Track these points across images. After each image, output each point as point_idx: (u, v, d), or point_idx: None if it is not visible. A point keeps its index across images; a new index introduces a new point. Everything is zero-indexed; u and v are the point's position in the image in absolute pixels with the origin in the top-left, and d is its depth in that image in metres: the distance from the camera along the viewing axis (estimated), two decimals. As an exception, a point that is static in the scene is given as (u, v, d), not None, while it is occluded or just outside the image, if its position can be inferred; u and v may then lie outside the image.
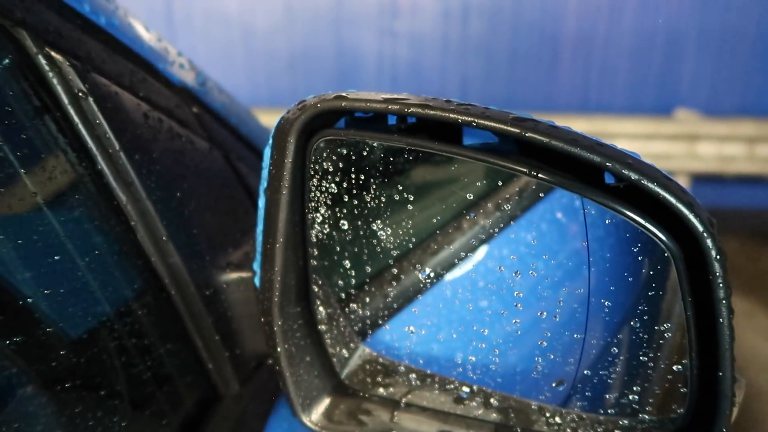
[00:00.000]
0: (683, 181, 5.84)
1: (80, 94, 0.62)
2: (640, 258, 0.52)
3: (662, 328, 0.54)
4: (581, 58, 5.85)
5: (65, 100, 0.61)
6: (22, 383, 0.55)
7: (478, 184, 0.65)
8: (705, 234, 0.45)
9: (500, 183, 0.71)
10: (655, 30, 5.75)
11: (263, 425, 0.75)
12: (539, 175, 0.52)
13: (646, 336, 0.54)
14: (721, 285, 0.46)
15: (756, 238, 5.64)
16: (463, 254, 0.66)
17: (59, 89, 0.61)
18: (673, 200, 0.45)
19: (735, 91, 5.90)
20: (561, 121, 0.52)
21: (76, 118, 0.62)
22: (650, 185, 0.46)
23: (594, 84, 5.91)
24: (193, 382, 0.73)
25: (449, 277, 0.67)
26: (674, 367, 0.53)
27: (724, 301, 0.46)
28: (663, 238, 0.47)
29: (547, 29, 5.81)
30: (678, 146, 5.76)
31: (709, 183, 6.00)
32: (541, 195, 0.71)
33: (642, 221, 0.48)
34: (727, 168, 5.77)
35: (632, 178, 0.47)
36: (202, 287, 0.73)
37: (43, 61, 0.60)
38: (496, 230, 0.67)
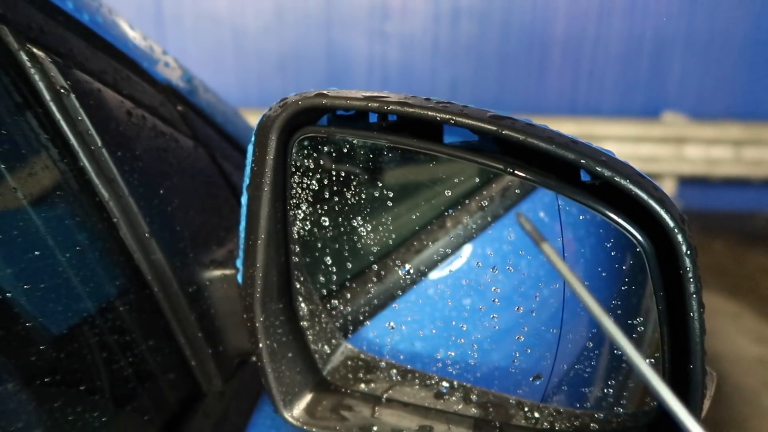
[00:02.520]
0: (671, 183, 5.90)
1: (62, 90, 0.62)
2: (613, 254, 0.53)
3: (636, 323, 0.55)
4: (570, 61, 5.90)
5: (47, 96, 0.61)
6: (3, 379, 0.55)
7: (459, 182, 0.66)
8: (676, 229, 0.46)
9: (483, 181, 0.72)
10: (643, 34, 5.80)
11: (246, 422, 0.75)
12: (515, 172, 0.52)
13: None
14: (691, 279, 0.47)
15: (742, 239, 5.70)
16: (443, 252, 0.67)
17: (41, 85, 0.61)
18: (645, 196, 0.46)
19: (722, 95, 5.97)
20: (550, 124, 0.53)
21: (58, 115, 0.62)
22: (623, 182, 0.47)
23: (583, 87, 5.96)
24: (176, 379, 0.73)
25: (430, 274, 0.68)
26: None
27: (694, 296, 0.47)
28: (635, 234, 0.48)
29: (537, 32, 5.85)
30: (666, 149, 5.81)
31: (696, 185, 6.05)
32: (523, 194, 0.72)
33: (615, 217, 0.49)
34: (714, 170, 5.83)
35: (606, 175, 0.47)
36: (185, 284, 0.73)
37: (24, 58, 0.60)
38: (477, 228, 0.68)
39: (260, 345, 0.65)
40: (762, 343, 3.96)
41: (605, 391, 0.58)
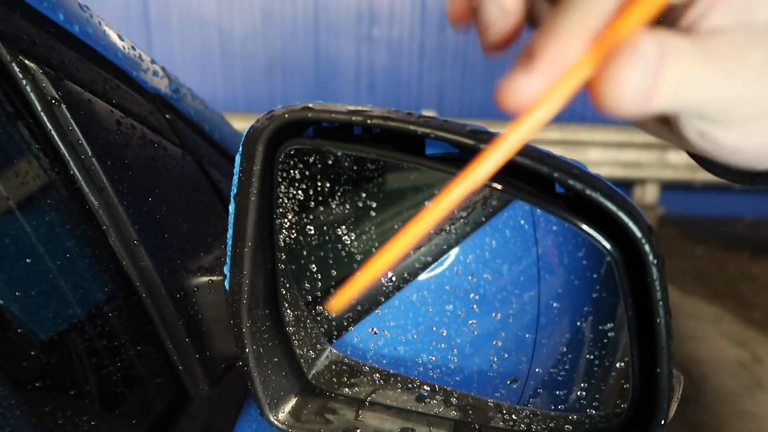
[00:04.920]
0: (654, 189, 5.98)
1: (53, 101, 0.64)
2: (585, 262, 0.55)
3: (606, 328, 0.57)
4: (555, 67, 5.95)
5: (38, 107, 0.63)
6: (-7, 384, 0.56)
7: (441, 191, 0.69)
8: (643, 240, 0.48)
9: (464, 191, 0.74)
10: (626, 41, 5.87)
11: (232, 425, 0.77)
12: (493, 185, 0.55)
13: (592, 336, 0.58)
14: (658, 287, 0.49)
15: (723, 244, 5.79)
16: (425, 259, 0.69)
17: (32, 96, 0.63)
18: (614, 208, 0.49)
19: (703, 102, 6.05)
20: (536, 130, 0.55)
21: (49, 125, 0.64)
22: (594, 195, 0.49)
23: (567, 93, 6.01)
24: (163, 384, 0.75)
25: (412, 280, 0.70)
26: (618, 365, 0.57)
27: (661, 303, 0.50)
28: (605, 244, 0.51)
29: (523, 39, 5.89)
30: (649, 155, 5.89)
31: (678, 190, 6.14)
32: (503, 203, 0.75)
33: (586, 228, 0.51)
34: (696, 176, 5.92)
35: (577, 188, 0.50)
36: (172, 290, 0.75)
37: (16, 69, 0.61)
38: (458, 236, 0.71)
39: (247, 350, 0.66)
40: (742, 346, 4.03)
41: (579, 393, 0.61)
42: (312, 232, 0.66)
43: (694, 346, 3.95)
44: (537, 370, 0.62)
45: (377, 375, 0.70)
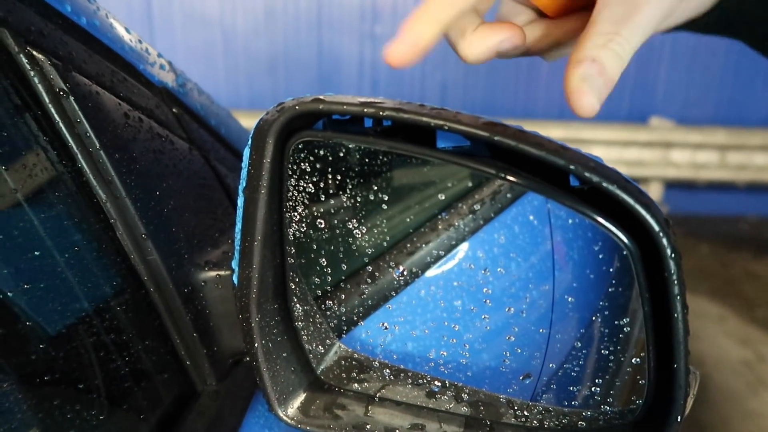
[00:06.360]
0: (657, 187, 5.96)
1: (61, 93, 0.63)
2: (601, 256, 0.55)
3: (622, 323, 0.57)
4: (559, 66, 5.93)
5: (46, 98, 0.62)
6: (1, 378, 0.55)
7: (451, 185, 0.68)
8: (660, 233, 0.48)
9: (474, 185, 0.73)
10: (630, 39, 5.85)
11: (240, 421, 0.76)
12: (507, 177, 0.54)
13: (607, 330, 0.57)
14: (675, 282, 0.48)
15: (727, 243, 5.78)
16: (436, 253, 0.69)
17: (40, 88, 0.62)
18: (631, 201, 0.48)
19: (707, 101, 6.05)
20: (539, 128, 0.54)
21: (56, 117, 0.63)
22: (610, 187, 0.48)
23: (571, 91, 5.99)
24: (171, 378, 0.74)
25: (423, 275, 0.69)
26: (633, 360, 0.56)
27: (678, 297, 0.49)
28: (622, 237, 0.50)
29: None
30: (653, 153, 5.88)
31: (682, 189, 6.13)
32: (513, 198, 0.74)
33: (602, 221, 0.50)
34: (699, 175, 5.91)
35: (594, 180, 0.49)
36: (180, 285, 0.74)
37: (24, 60, 0.61)
38: (468, 231, 0.70)
39: (256, 345, 0.66)
40: (746, 345, 4.02)
41: (593, 389, 0.60)
42: (322, 225, 0.65)
43: (697, 345, 3.95)
44: (550, 365, 0.61)
45: (387, 370, 0.70)
